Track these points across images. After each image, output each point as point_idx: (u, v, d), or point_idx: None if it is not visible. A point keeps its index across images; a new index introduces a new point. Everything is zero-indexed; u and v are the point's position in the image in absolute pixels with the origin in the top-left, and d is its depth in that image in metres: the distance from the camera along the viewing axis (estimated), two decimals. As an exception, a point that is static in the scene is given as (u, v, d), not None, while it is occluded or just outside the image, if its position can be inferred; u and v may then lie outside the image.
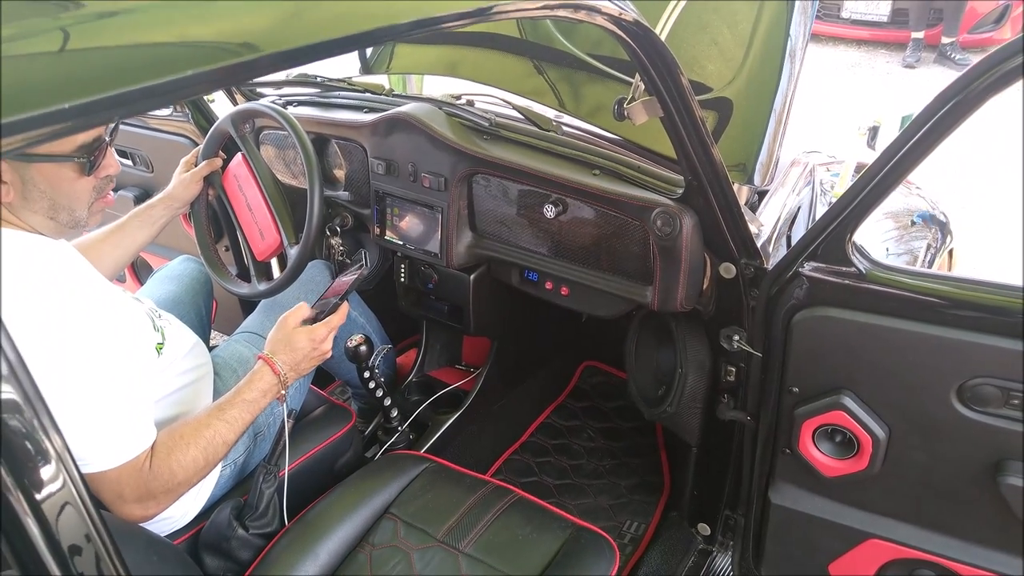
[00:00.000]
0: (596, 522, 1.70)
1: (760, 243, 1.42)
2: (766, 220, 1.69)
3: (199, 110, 2.10)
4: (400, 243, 1.88)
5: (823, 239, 1.24)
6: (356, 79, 2.04)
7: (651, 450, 2.16)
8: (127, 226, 1.66)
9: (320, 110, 1.96)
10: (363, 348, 1.70)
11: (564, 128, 1.72)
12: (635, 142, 1.67)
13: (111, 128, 1.25)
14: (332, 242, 2.03)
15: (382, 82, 2.04)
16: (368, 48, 2.10)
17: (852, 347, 1.28)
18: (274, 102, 1.97)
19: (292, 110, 1.96)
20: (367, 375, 1.78)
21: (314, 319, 1.44)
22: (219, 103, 2.17)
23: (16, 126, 0.49)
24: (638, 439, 2.20)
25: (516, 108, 1.79)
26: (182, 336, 1.45)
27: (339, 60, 0.74)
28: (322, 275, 1.87)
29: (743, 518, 1.62)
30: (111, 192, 1.29)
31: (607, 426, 2.26)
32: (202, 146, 1.80)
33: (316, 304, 1.51)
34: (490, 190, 1.71)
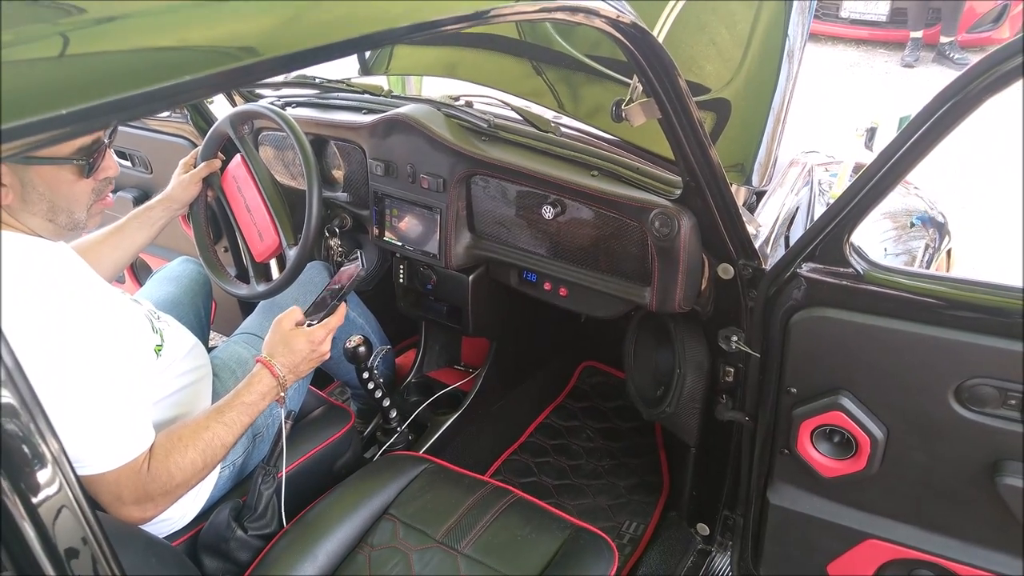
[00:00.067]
0: (595, 522, 1.70)
1: (758, 244, 1.42)
2: (764, 221, 1.69)
3: (198, 111, 2.10)
4: (399, 244, 1.88)
5: (821, 240, 1.24)
6: (355, 80, 2.04)
7: (650, 450, 2.16)
8: (126, 227, 1.67)
9: (319, 111, 1.96)
10: (362, 349, 1.70)
11: (562, 129, 1.72)
12: (633, 143, 1.68)
13: (110, 130, 1.25)
14: (331, 243, 2.03)
15: (381, 83, 2.04)
16: (367, 51, 2.10)
17: (850, 348, 1.28)
18: (273, 103, 1.97)
19: (291, 111, 1.96)
20: (366, 376, 1.78)
21: (311, 311, 1.44)
22: (218, 104, 2.17)
23: (16, 131, 0.49)
24: (637, 439, 2.20)
25: (514, 109, 1.79)
26: (181, 338, 1.45)
27: (338, 61, 0.74)
28: (321, 276, 1.87)
29: (742, 518, 1.62)
30: (110, 194, 1.29)
31: (606, 426, 2.26)
32: (201, 147, 1.80)
33: (316, 297, 1.51)
34: (489, 191, 1.71)
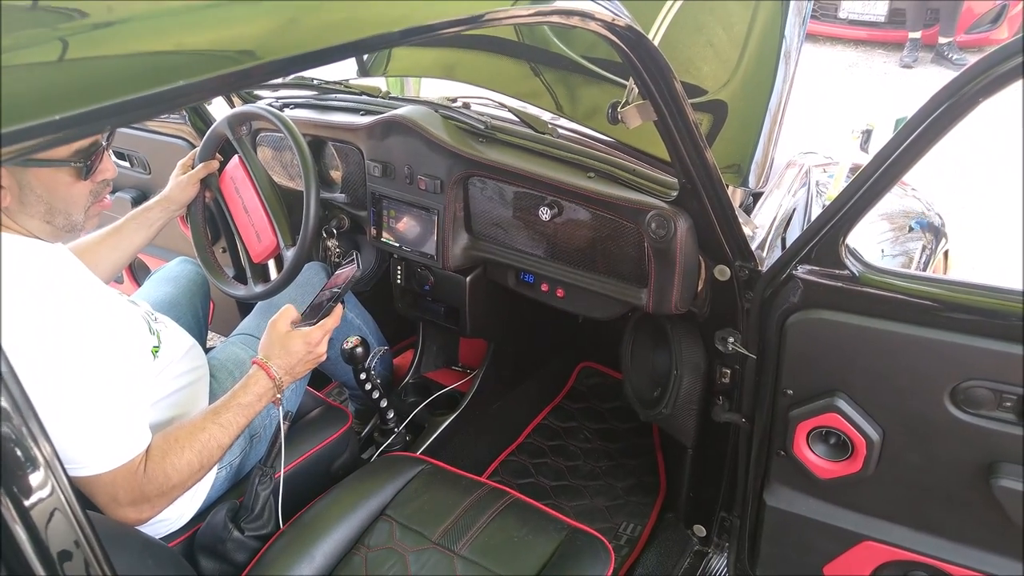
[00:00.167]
0: (592, 523, 1.70)
1: (755, 245, 1.42)
2: (761, 222, 1.69)
3: (196, 113, 2.10)
4: (396, 245, 1.88)
5: (816, 242, 1.24)
6: (353, 82, 2.05)
7: (647, 451, 2.16)
8: (124, 228, 1.67)
9: (317, 112, 1.96)
10: (359, 350, 1.70)
11: (559, 131, 1.72)
12: (630, 145, 1.68)
13: (107, 133, 1.25)
14: (328, 244, 2.04)
15: (379, 84, 2.04)
16: (365, 54, 2.10)
17: (846, 349, 1.28)
18: (271, 104, 1.97)
19: (289, 112, 1.97)
20: (363, 377, 1.78)
21: (308, 314, 1.45)
22: (216, 106, 2.18)
23: (15, 135, 0.49)
24: (634, 440, 2.20)
25: (511, 111, 1.80)
26: (178, 339, 1.46)
27: (336, 63, 0.75)
28: (318, 277, 1.88)
29: (738, 519, 1.62)
30: (107, 195, 1.30)
31: (604, 427, 2.27)
32: (199, 148, 1.80)
33: (313, 299, 1.51)
34: (486, 192, 1.71)
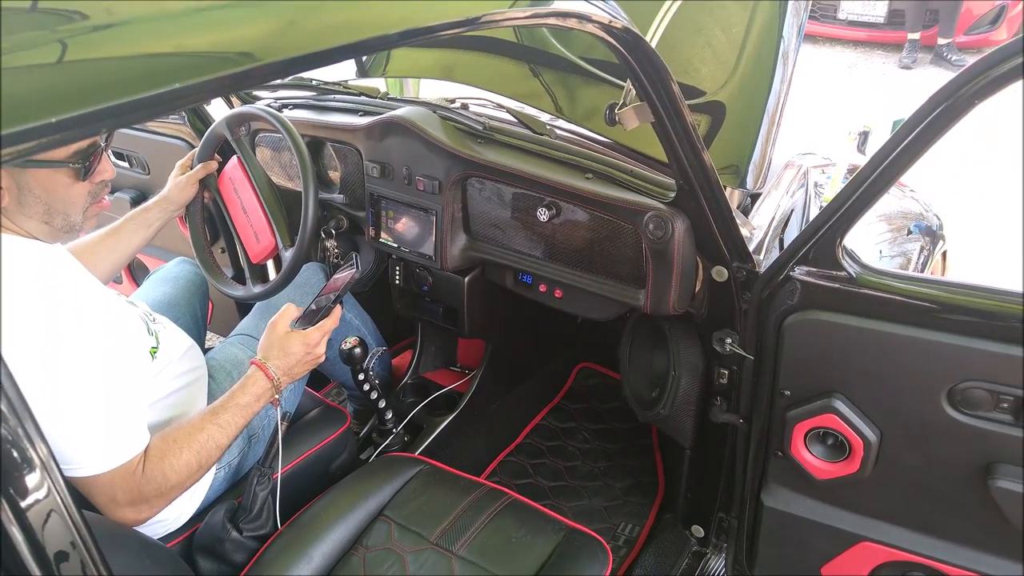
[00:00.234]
0: (591, 524, 1.70)
1: (753, 246, 1.42)
2: (759, 223, 1.69)
3: (195, 113, 2.11)
4: (395, 246, 1.89)
5: (813, 243, 1.24)
6: (352, 82, 2.05)
7: (646, 451, 2.16)
8: (123, 229, 1.67)
9: (315, 113, 1.97)
10: (357, 350, 1.70)
11: (557, 132, 1.72)
12: (628, 146, 1.68)
13: (106, 134, 1.25)
14: (327, 244, 2.04)
15: (378, 85, 2.04)
16: (363, 56, 2.11)
17: (843, 350, 1.28)
18: (270, 105, 1.98)
19: (288, 113, 1.97)
20: (361, 377, 1.78)
21: (307, 317, 1.45)
22: (215, 106, 2.18)
23: (15, 137, 0.49)
24: (633, 440, 2.20)
25: (509, 112, 1.80)
26: (176, 340, 1.46)
27: (335, 64, 0.75)
28: (317, 277, 1.88)
29: (736, 520, 1.62)
30: (106, 196, 1.30)
31: (602, 427, 2.27)
32: (198, 149, 1.80)
33: (311, 303, 1.52)
34: (484, 193, 1.71)
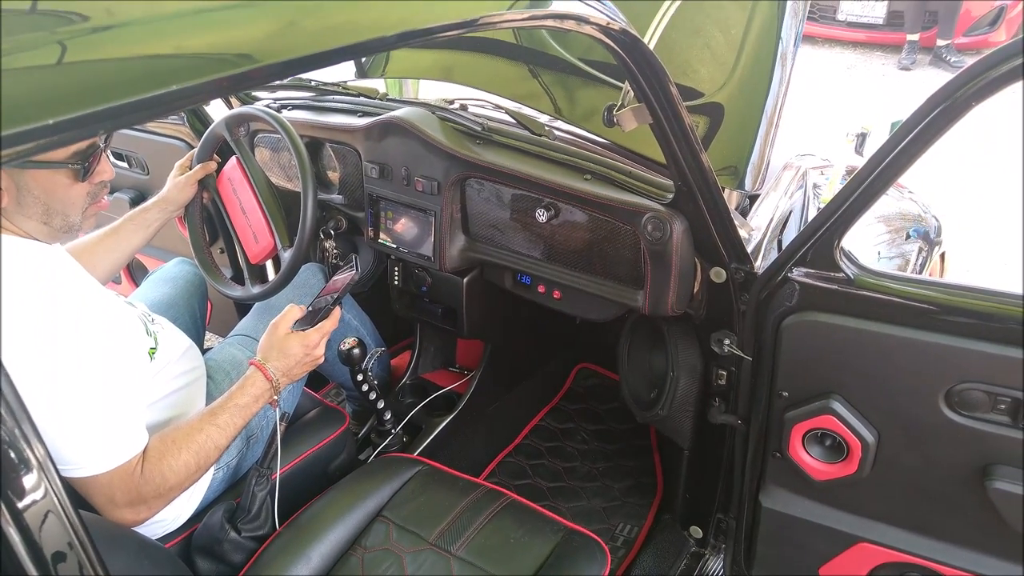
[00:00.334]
0: (589, 525, 1.70)
1: (751, 247, 1.42)
2: (757, 224, 1.70)
3: (195, 114, 2.11)
4: (394, 246, 1.89)
5: (811, 244, 1.24)
6: (351, 83, 2.05)
7: (645, 452, 2.16)
8: (122, 229, 1.67)
9: (314, 114, 1.97)
10: (356, 351, 1.70)
11: (556, 133, 1.72)
12: (626, 147, 1.68)
13: (105, 135, 1.25)
14: (326, 245, 2.04)
15: (377, 86, 2.04)
16: (363, 57, 2.11)
17: (841, 352, 1.28)
18: (269, 106, 1.98)
19: (287, 114, 1.97)
20: (360, 378, 1.78)
21: (306, 319, 1.45)
22: (214, 107, 2.18)
23: (15, 138, 0.50)
24: (632, 441, 2.20)
25: (508, 112, 1.80)
26: (175, 340, 1.46)
27: (335, 65, 0.76)
28: (316, 278, 1.88)
29: (734, 521, 1.62)
30: (105, 196, 1.30)
31: (601, 428, 2.27)
32: (197, 149, 1.81)
33: (311, 304, 1.52)
34: (483, 194, 1.71)
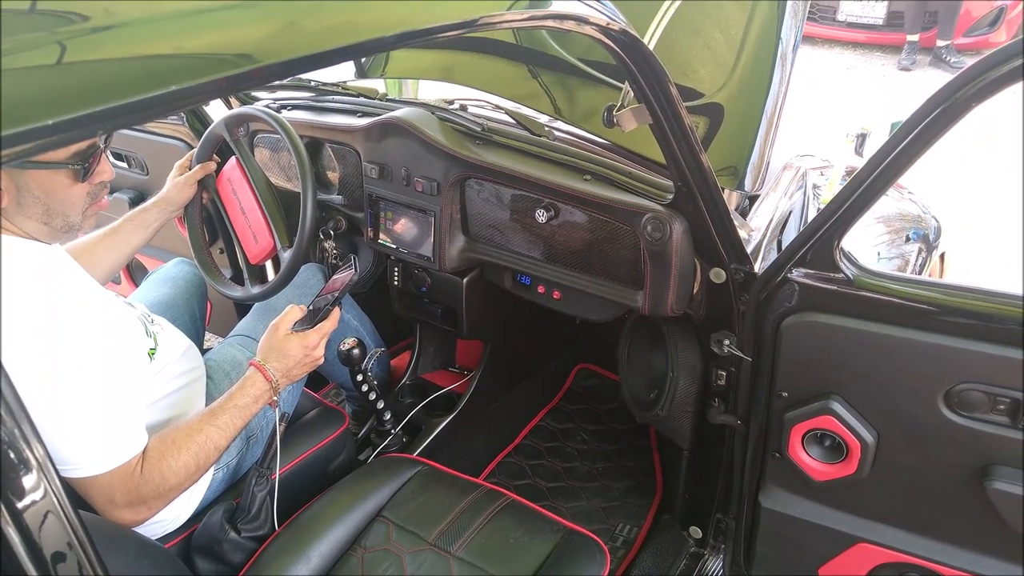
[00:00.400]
0: (589, 525, 1.70)
1: (751, 248, 1.42)
2: (757, 225, 1.70)
3: (194, 114, 2.11)
4: (393, 247, 1.89)
5: (811, 245, 1.24)
6: (350, 84, 2.05)
7: (644, 452, 2.16)
8: (121, 229, 1.67)
9: (314, 114, 1.97)
10: (356, 351, 1.70)
11: (556, 133, 1.72)
12: (626, 147, 1.68)
13: (105, 135, 1.25)
14: (325, 245, 2.04)
15: (377, 86, 2.04)
16: (362, 57, 2.11)
17: (841, 352, 1.29)
18: (268, 106, 1.98)
19: (286, 114, 1.97)
20: (360, 378, 1.78)
21: (306, 320, 1.45)
22: (214, 107, 2.18)
23: (15, 138, 0.50)
24: (631, 442, 2.20)
25: (508, 113, 1.80)
26: (174, 341, 1.46)
27: (334, 66, 0.76)
28: (315, 278, 1.88)
29: (734, 521, 1.62)
30: (105, 196, 1.30)
31: (600, 428, 2.27)
32: (196, 150, 1.80)
33: (310, 304, 1.52)
34: (483, 195, 1.71)
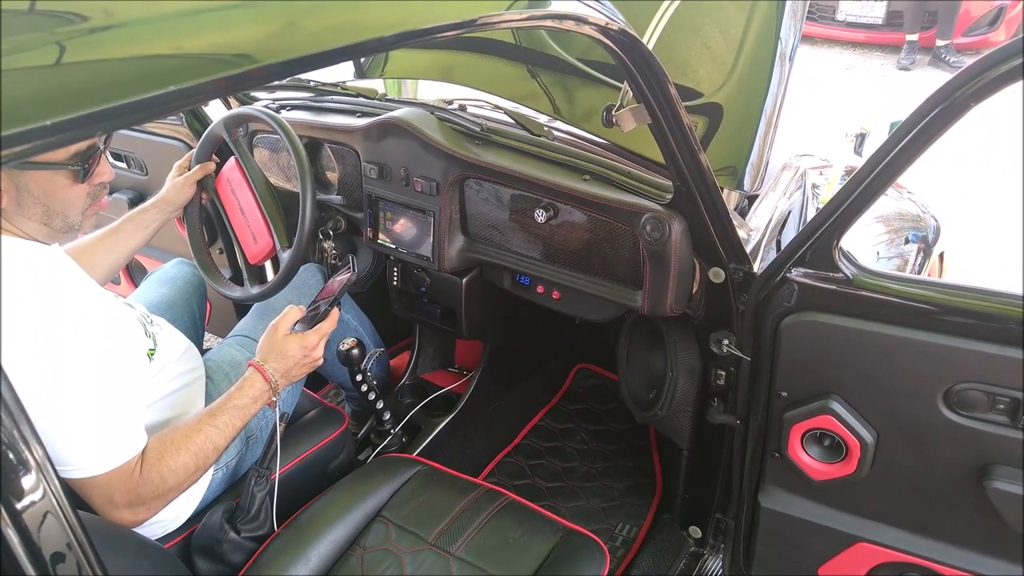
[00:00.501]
0: (588, 525, 1.70)
1: (750, 248, 1.42)
2: (756, 224, 1.70)
3: (193, 114, 2.11)
4: (392, 247, 1.89)
5: (810, 245, 1.24)
6: (349, 84, 2.05)
7: (644, 452, 2.16)
8: (121, 230, 1.67)
9: (313, 114, 1.97)
10: (355, 351, 1.70)
11: (555, 133, 1.72)
12: (625, 147, 1.68)
13: (105, 136, 1.25)
14: (325, 245, 2.04)
15: (376, 86, 2.04)
16: (361, 57, 2.11)
17: (840, 352, 1.29)
18: (267, 106, 1.98)
19: (285, 114, 1.97)
20: (359, 378, 1.78)
21: (306, 320, 1.45)
22: (213, 107, 2.18)
23: (14, 139, 0.50)
24: (631, 441, 2.20)
25: (507, 113, 1.80)
26: (174, 341, 1.46)
27: (334, 66, 0.76)
28: (315, 278, 1.88)
29: (733, 521, 1.63)
30: (105, 196, 1.30)
31: (600, 428, 2.27)
32: (195, 150, 1.80)
33: (309, 307, 1.52)
34: (482, 195, 1.71)
